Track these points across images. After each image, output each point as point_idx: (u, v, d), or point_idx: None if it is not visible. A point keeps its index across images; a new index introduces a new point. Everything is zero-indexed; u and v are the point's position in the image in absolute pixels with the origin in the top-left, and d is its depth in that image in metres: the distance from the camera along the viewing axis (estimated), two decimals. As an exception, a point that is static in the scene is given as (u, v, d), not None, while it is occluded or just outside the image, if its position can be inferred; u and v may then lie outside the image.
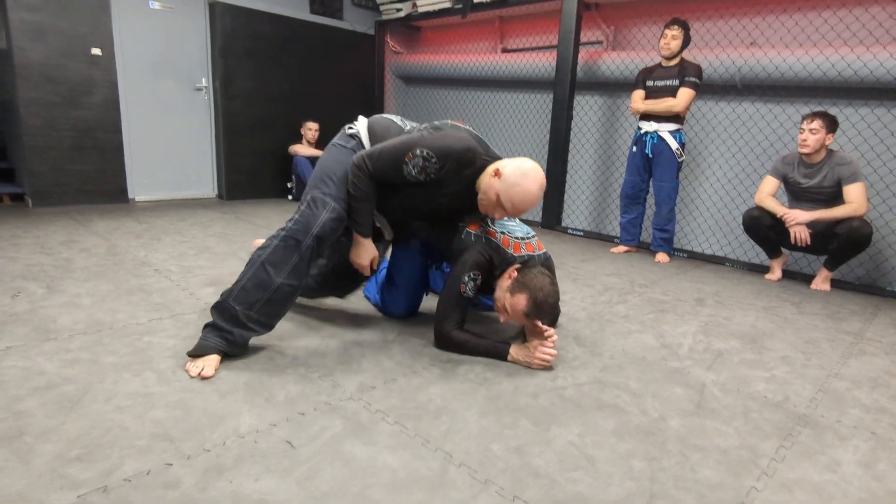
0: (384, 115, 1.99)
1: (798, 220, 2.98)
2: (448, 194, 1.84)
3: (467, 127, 1.88)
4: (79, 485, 1.14)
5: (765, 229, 3.17)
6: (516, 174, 1.70)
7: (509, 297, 1.82)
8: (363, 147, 1.91)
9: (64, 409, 1.42)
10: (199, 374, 1.62)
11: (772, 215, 3.11)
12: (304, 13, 5.29)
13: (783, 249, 3.30)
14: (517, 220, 2.12)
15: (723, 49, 3.69)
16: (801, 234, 2.98)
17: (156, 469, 1.20)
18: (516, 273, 1.86)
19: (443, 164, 1.73)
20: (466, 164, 1.77)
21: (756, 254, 3.72)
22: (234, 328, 1.71)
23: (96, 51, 4.14)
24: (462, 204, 1.89)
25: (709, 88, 3.79)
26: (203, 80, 4.89)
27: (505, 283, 1.87)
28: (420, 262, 2.24)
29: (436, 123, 1.87)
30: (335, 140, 1.97)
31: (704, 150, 3.98)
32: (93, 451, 1.25)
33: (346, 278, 2.20)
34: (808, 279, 3.29)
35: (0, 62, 4.21)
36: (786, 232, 3.05)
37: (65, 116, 4.09)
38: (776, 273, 3.34)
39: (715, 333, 2.31)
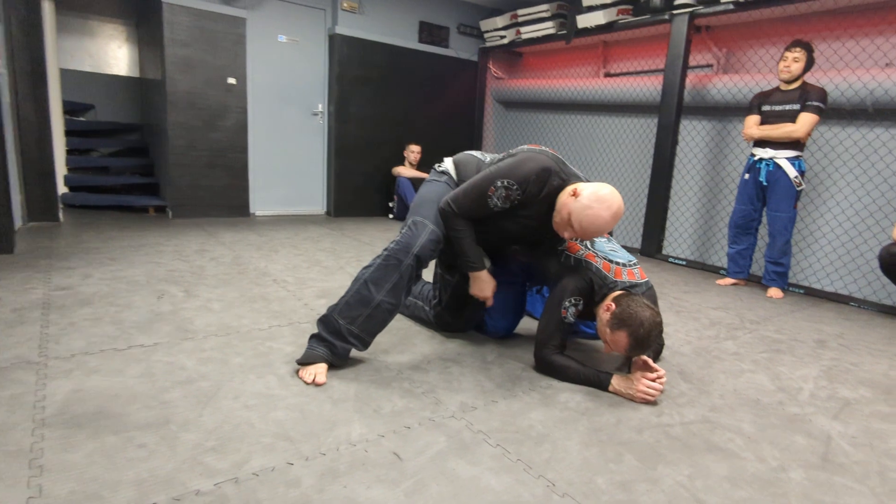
0: (467, 152, 2.14)
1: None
2: (532, 216, 1.89)
3: (544, 148, 1.92)
4: (215, 473, 1.27)
5: (904, 268, 2.86)
6: (591, 198, 1.71)
7: (609, 332, 1.78)
8: (453, 179, 2.05)
9: (201, 403, 1.59)
10: (314, 381, 1.75)
11: (912, 253, 2.80)
12: (412, 42, 5.57)
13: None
14: (620, 247, 2.09)
15: (852, 71, 3.41)
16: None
17: (279, 467, 1.32)
18: (614, 306, 1.80)
19: (524, 189, 1.80)
20: (544, 183, 1.81)
21: (888, 293, 3.36)
22: (337, 340, 1.84)
23: (232, 80, 4.64)
24: (545, 222, 1.92)
25: (834, 113, 3.51)
26: (320, 105, 5.29)
27: (604, 315, 1.82)
28: (518, 284, 2.27)
29: (512, 151, 1.95)
30: (429, 177, 2.14)
31: (828, 179, 3.68)
32: (225, 444, 1.39)
33: (462, 316, 2.30)
34: (955, 327, 2.92)
35: (155, 91, 4.83)
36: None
37: (203, 138, 4.60)
38: (915, 317, 2.99)
39: (840, 380, 2.12)
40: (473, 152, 2.13)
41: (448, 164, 2.11)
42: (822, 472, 1.46)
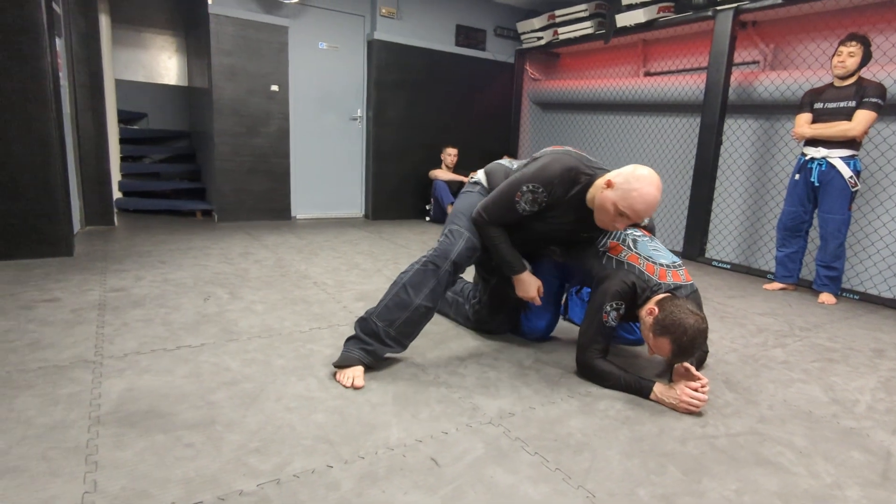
0: (496, 162, 2.18)
1: None
2: (562, 215, 1.91)
3: (567, 148, 1.93)
4: (258, 474, 1.31)
5: (969, 274, 2.69)
6: (630, 179, 1.72)
7: (652, 337, 1.74)
8: (485, 188, 2.09)
9: (245, 404, 1.64)
10: (352, 384, 1.78)
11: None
12: (449, 46, 5.59)
13: None
14: (663, 247, 2.04)
15: (914, 65, 3.23)
16: None
17: (319, 469, 1.34)
18: (657, 310, 1.74)
19: (550, 191, 1.82)
20: (571, 182, 1.83)
21: (955, 301, 3.16)
22: (374, 342, 1.87)
23: (275, 87, 4.77)
24: (580, 222, 1.92)
25: (893, 109, 3.33)
26: (358, 110, 5.38)
27: (647, 319, 1.78)
28: (553, 285, 2.25)
29: (536, 155, 1.97)
30: (464, 189, 2.19)
31: (885, 179, 3.49)
32: (268, 445, 1.43)
33: (500, 316, 2.32)
34: None
35: (202, 99, 5.01)
36: None
37: (246, 144, 4.75)
38: (984, 326, 2.80)
39: (901, 393, 2.01)
40: (502, 161, 2.18)
41: (480, 174, 2.18)
42: (882, 490, 1.38)
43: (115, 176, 4.89)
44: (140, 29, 5.60)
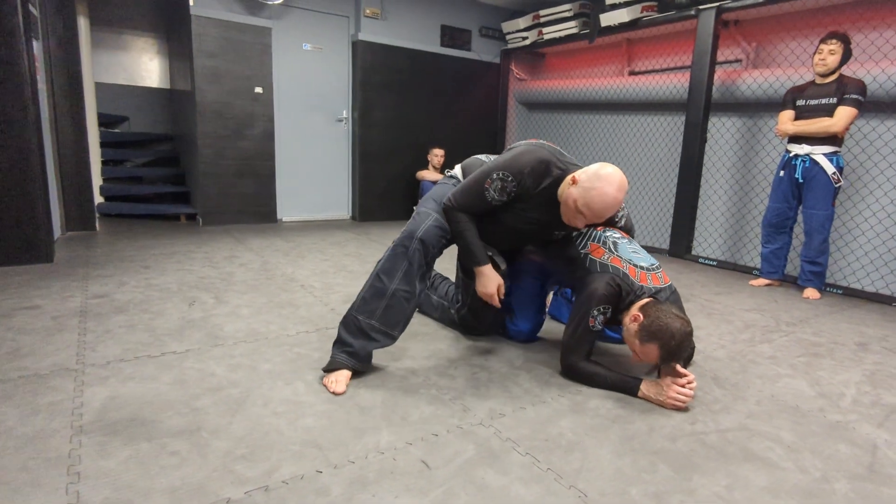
0: (473, 157, 2.16)
1: None
2: (533, 209, 1.89)
3: (542, 142, 1.92)
4: (245, 481, 1.28)
5: (949, 267, 2.74)
6: (592, 178, 1.71)
7: (639, 344, 1.75)
8: (460, 181, 2.07)
9: (231, 410, 1.61)
10: (333, 390, 1.75)
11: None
12: (435, 46, 5.58)
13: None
14: (641, 249, 2.04)
15: (891, 62, 3.28)
16: None
17: (308, 475, 1.32)
18: (642, 317, 1.74)
19: (519, 180, 1.81)
20: (542, 175, 1.82)
21: (936, 294, 3.21)
22: (356, 340, 1.84)
23: (258, 89, 4.72)
24: (551, 217, 1.91)
25: (873, 105, 3.38)
26: (344, 111, 5.35)
27: (632, 326, 1.77)
28: (536, 286, 2.24)
29: (511, 146, 1.96)
30: (439, 181, 2.17)
31: (866, 175, 3.54)
32: (255, 451, 1.40)
33: (485, 320, 2.30)
34: None
35: (185, 101, 4.95)
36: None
37: (231, 147, 4.69)
38: (964, 318, 2.85)
39: (885, 385, 2.03)
40: (479, 156, 2.16)
41: (457, 169, 2.16)
42: (869, 483, 1.39)
43: (97, 180, 4.82)
44: (120, 31, 5.52)
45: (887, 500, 1.32)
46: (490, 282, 1.96)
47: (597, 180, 1.70)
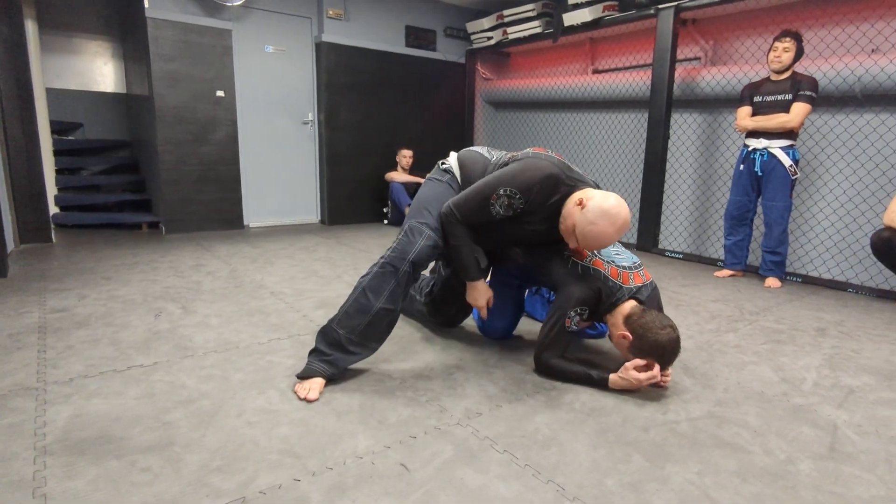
0: (471, 149, 2.07)
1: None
2: (537, 222, 1.87)
3: (549, 153, 1.87)
4: (221, 494, 1.26)
5: (898, 253, 2.87)
6: (596, 212, 1.67)
7: (631, 357, 1.79)
8: (456, 179, 2.01)
9: (204, 422, 1.57)
10: (305, 396, 1.73)
11: (906, 237, 2.81)
12: (400, 47, 5.56)
13: (921, 275, 2.97)
14: (623, 248, 2.08)
15: (839, 58, 3.42)
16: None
17: (286, 483, 1.30)
18: (630, 335, 1.77)
19: (528, 198, 1.77)
20: (550, 192, 1.78)
21: (885, 278, 3.36)
22: (335, 352, 1.81)
23: (220, 93, 4.62)
24: (554, 229, 1.89)
25: (824, 100, 3.52)
26: (309, 114, 5.28)
27: (623, 343, 1.81)
28: (514, 286, 2.26)
29: (517, 155, 1.91)
30: (431, 175, 2.09)
31: (820, 167, 3.69)
32: (230, 463, 1.38)
33: (453, 308, 2.29)
34: (953, 308, 2.93)
35: (143, 106, 4.81)
36: (924, 256, 2.75)
37: (193, 152, 4.58)
38: (913, 301, 3.00)
39: (843, 368, 2.12)
40: (479, 149, 2.06)
41: (452, 161, 2.06)
42: (831, 462, 1.45)
43: (51, 190, 4.63)
44: (71, 35, 5.32)
45: (848, 478, 1.38)
46: (481, 295, 1.99)
47: (601, 217, 1.66)
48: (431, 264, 2.30)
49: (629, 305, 1.85)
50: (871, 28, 3.44)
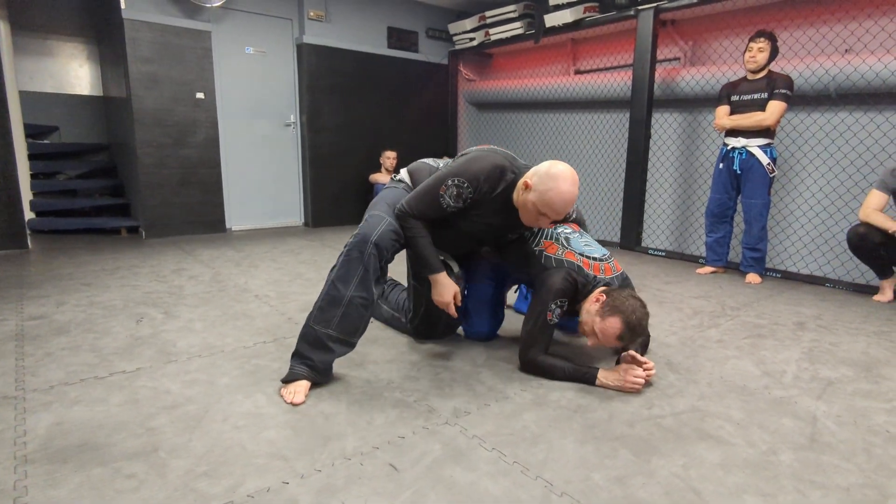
0: (421, 160, 2.15)
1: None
2: (489, 215, 1.91)
3: (493, 146, 1.94)
4: (209, 499, 1.24)
5: (874, 247, 2.94)
6: (545, 179, 1.73)
7: (599, 321, 1.81)
8: (409, 186, 2.06)
9: (189, 427, 1.56)
10: (291, 400, 1.71)
11: (881, 232, 2.89)
12: (382, 48, 5.56)
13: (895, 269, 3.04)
14: (593, 240, 2.11)
15: (814, 58, 3.50)
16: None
17: (274, 487, 1.29)
18: (604, 297, 1.84)
19: (476, 187, 1.81)
20: (497, 180, 1.83)
21: (861, 273, 3.45)
22: (315, 353, 1.80)
23: (200, 95, 4.57)
24: (507, 221, 1.93)
25: (800, 99, 3.60)
26: (291, 116, 5.24)
27: (593, 307, 1.85)
28: (491, 287, 2.27)
29: (462, 152, 1.97)
30: (386, 185, 2.15)
31: (797, 165, 3.77)
32: (217, 468, 1.36)
33: (439, 327, 2.28)
34: (925, 301, 3.01)
35: (120, 109, 4.73)
36: (898, 250, 2.83)
37: (173, 155, 4.52)
38: (887, 294, 3.08)
39: (821, 360, 2.17)
40: (427, 160, 2.14)
41: (403, 172, 2.14)
42: (811, 452, 1.49)
43: (26, 195, 4.53)
44: (45, 36, 5.22)
45: (828, 467, 1.41)
46: (446, 290, 1.93)
47: (550, 180, 1.72)
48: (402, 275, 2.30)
49: (603, 288, 1.91)
50: (843, 29, 3.52)
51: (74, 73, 5.44)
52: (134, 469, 1.34)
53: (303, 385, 1.77)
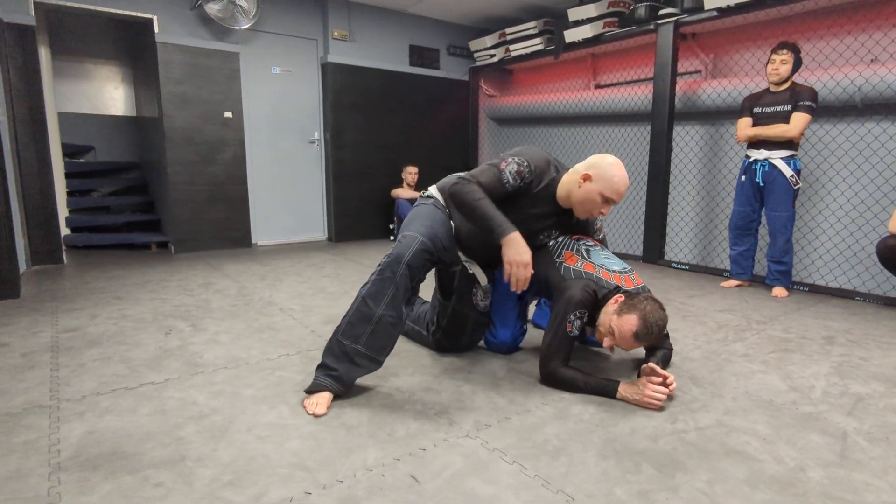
0: (449, 175, 2.19)
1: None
2: (537, 205, 1.99)
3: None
4: (234, 507, 1.27)
5: (905, 260, 2.87)
6: (605, 168, 1.88)
7: (616, 318, 1.82)
8: (439, 202, 2.11)
9: (215, 437, 1.59)
10: (313, 412, 1.74)
11: (912, 244, 2.81)
12: (404, 66, 5.66)
13: (929, 282, 2.96)
14: (613, 255, 2.11)
15: (839, 69, 3.46)
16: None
17: (297, 497, 1.31)
18: (622, 297, 1.87)
19: (533, 168, 1.93)
20: (544, 172, 1.97)
21: (892, 286, 3.35)
22: (341, 365, 1.82)
23: (228, 114, 4.71)
24: (546, 219, 2.04)
25: (825, 111, 3.55)
26: (316, 133, 5.36)
27: (611, 307, 1.88)
28: (515, 297, 2.28)
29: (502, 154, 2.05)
30: (416, 203, 2.20)
31: (823, 176, 3.70)
32: (242, 477, 1.39)
33: (463, 339, 2.30)
34: (962, 315, 2.91)
35: (152, 129, 4.90)
36: (931, 263, 2.75)
37: (202, 172, 4.66)
38: (921, 308, 2.99)
39: (852, 376, 2.11)
40: (455, 175, 2.16)
41: (432, 189, 2.19)
42: (841, 469, 1.45)
43: (62, 212, 4.71)
44: (83, 60, 5.45)
45: (858, 485, 1.38)
46: (524, 249, 1.80)
47: (610, 168, 1.88)
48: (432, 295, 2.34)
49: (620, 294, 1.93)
50: (868, 38, 3.47)
51: (110, 94, 5.66)
52: (162, 477, 1.38)
53: (325, 397, 1.79)
